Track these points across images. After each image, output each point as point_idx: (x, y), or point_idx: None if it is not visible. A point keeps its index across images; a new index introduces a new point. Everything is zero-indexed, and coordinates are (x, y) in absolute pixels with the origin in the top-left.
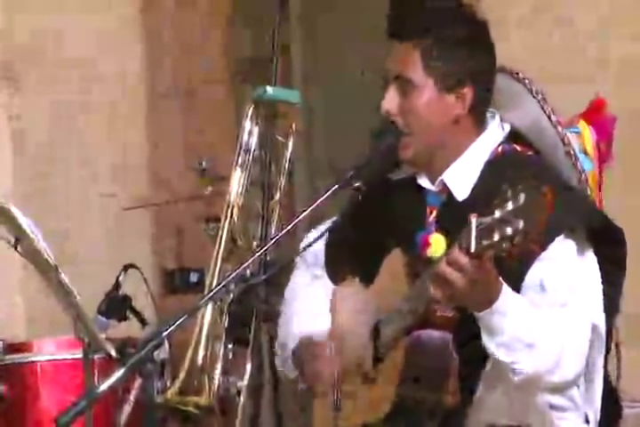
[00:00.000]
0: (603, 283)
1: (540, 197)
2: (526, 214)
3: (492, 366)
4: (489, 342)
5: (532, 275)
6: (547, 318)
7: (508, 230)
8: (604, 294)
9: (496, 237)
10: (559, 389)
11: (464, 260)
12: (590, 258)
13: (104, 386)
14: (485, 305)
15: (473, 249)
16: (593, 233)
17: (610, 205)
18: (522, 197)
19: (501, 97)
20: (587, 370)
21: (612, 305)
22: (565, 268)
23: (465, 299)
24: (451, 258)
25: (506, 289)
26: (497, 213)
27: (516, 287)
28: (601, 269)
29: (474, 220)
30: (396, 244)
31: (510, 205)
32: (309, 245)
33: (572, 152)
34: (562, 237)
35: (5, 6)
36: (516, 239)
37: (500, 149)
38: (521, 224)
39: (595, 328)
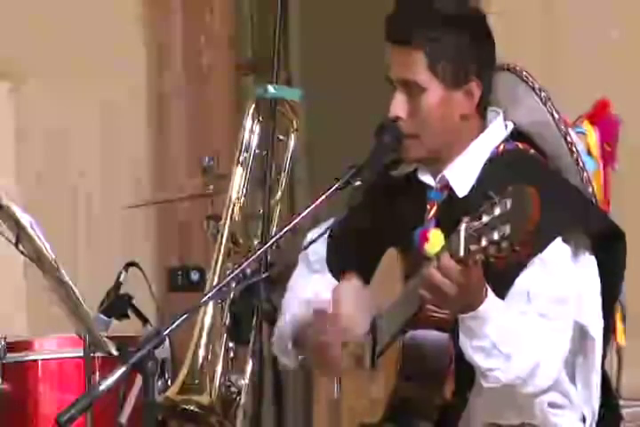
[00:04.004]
0: (602, 282)
1: (527, 203)
2: (512, 220)
3: None
4: (466, 346)
5: (521, 282)
6: (527, 329)
7: (495, 236)
8: (603, 293)
9: (484, 243)
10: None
11: (452, 265)
12: (586, 260)
13: (105, 385)
14: (471, 308)
15: (461, 254)
16: (593, 233)
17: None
18: (508, 202)
19: (504, 95)
20: (583, 371)
21: (612, 304)
22: (554, 276)
23: (452, 303)
24: (440, 263)
25: (491, 295)
26: (484, 219)
27: (503, 292)
28: (601, 268)
29: (463, 225)
30: (395, 240)
31: (497, 211)
32: (311, 244)
33: (574, 149)
34: (558, 240)
35: (5, 6)
36: (502, 245)
37: (502, 146)
38: (507, 230)
39: (582, 329)
